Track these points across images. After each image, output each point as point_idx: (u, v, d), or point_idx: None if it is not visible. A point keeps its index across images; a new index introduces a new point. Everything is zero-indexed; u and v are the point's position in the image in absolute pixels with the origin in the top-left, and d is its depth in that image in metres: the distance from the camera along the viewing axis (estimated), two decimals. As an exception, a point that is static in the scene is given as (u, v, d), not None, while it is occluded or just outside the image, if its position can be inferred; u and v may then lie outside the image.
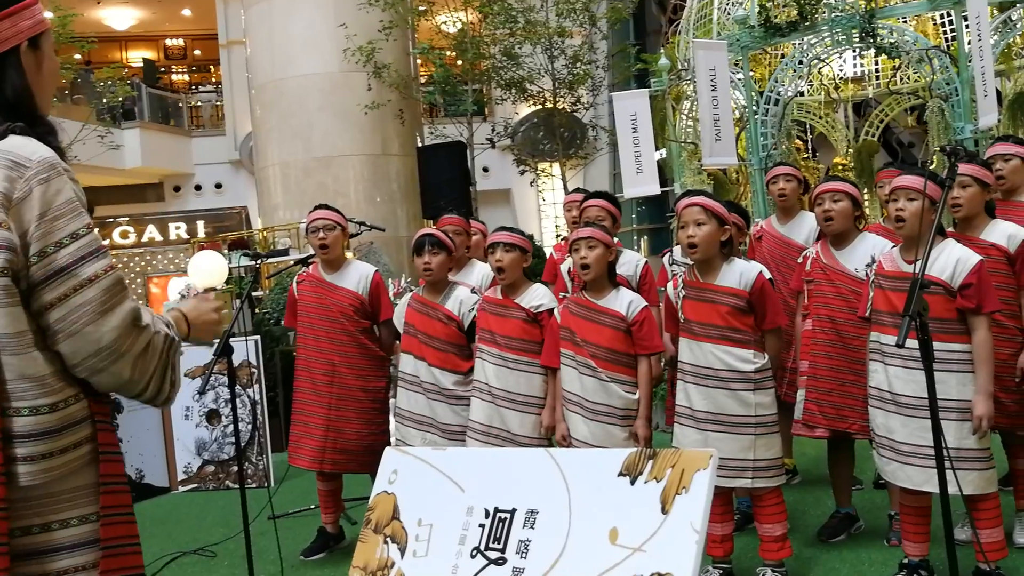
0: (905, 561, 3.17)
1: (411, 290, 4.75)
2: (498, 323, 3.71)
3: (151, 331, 1.49)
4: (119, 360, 1.45)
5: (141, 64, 20.61)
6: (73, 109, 14.79)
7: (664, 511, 1.50)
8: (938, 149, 4.31)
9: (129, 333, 1.45)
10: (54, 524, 1.43)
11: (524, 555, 1.63)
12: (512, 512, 1.68)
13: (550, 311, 3.66)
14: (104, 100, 15.08)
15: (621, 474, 1.58)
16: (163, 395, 1.55)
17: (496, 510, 1.70)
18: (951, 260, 3.01)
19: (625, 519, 1.54)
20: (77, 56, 14.44)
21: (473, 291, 4.05)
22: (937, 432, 2.44)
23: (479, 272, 4.51)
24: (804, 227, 4.25)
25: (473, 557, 1.68)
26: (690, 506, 1.48)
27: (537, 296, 3.73)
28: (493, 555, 1.66)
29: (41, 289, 1.42)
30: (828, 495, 4.05)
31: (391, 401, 4.31)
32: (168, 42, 23.83)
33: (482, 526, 1.70)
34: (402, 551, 1.80)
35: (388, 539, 1.83)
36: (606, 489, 1.59)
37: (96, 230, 1.49)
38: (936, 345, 2.60)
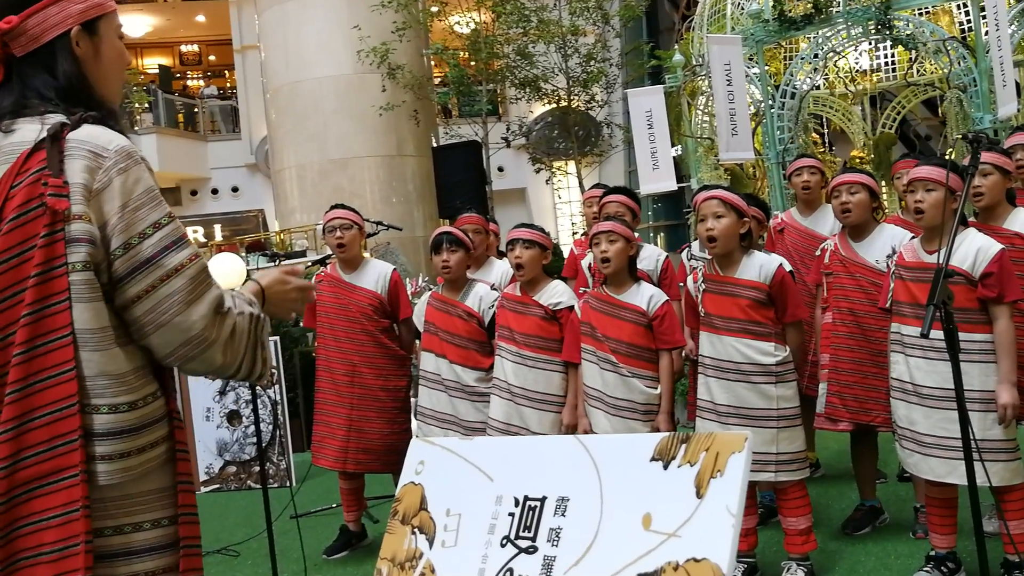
0: (932, 553, 3.14)
1: (429, 289, 4.76)
2: (517, 320, 3.71)
3: (235, 314, 1.46)
4: (210, 348, 1.42)
5: (157, 70, 20.79)
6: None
7: (699, 495, 1.48)
8: (959, 138, 4.28)
9: (215, 321, 1.42)
10: (127, 527, 1.40)
11: (555, 543, 1.62)
12: (542, 500, 1.67)
13: (569, 308, 3.65)
14: (126, 106, 15.18)
15: (653, 459, 1.57)
16: (256, 372, 1.52)
17: (526, 498, 1.69)
18: (972, 249, 2.98)
19: (659, 504, 1.53)
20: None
21: (493, 287, 4.06)
22: (964, 423, 2.41)
23: (498, 270, 4.50)
24: (828, 219, 4.22)
25: (503, 546, 1.68)
26: (725, 490, 1.46)
27: (556, 293, 3.72)
28: (524, 544, 1.66)
29: (127, 283, 1.38)
30: (852, 488, 4.03)
31: (412, 400, 4.32)
32: (183, 48, 24.02)
33: (512, 515, 1.69)
34: (430, 542, 1.79)
35: (416, 530, 1.83)
36: (638, 475, 1.57)
37: (176, 219, 1.45)
38: (958, 335, 2.57)
